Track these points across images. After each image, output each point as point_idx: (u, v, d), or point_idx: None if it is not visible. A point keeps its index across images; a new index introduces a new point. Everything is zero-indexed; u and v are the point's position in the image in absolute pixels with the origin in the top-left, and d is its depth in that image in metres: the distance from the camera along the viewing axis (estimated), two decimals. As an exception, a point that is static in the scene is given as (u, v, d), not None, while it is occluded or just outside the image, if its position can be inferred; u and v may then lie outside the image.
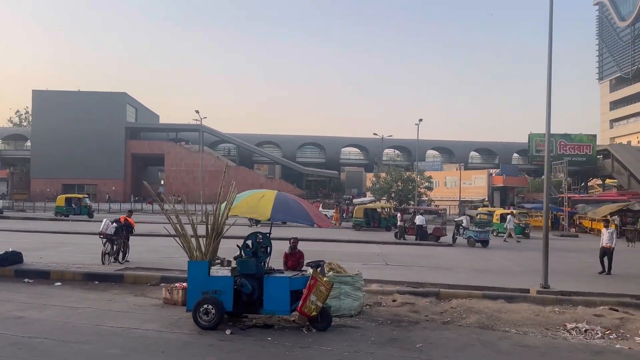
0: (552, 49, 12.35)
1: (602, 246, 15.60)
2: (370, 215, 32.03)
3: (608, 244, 15.39)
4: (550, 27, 12.28)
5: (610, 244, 15.37)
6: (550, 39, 12.32)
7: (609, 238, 15.47)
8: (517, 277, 14.51)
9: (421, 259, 18.62)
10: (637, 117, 73.30)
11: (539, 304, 11.15)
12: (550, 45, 12.39)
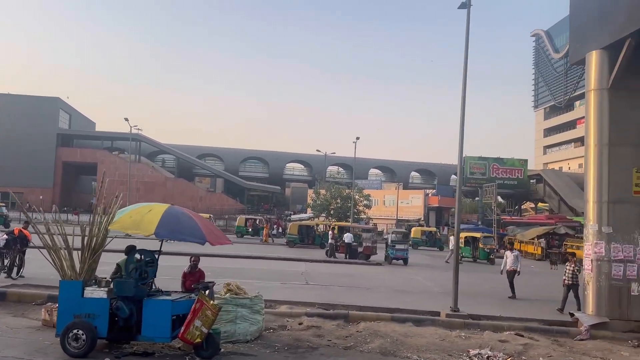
0: (466, 81, 12.46)
1: (507, 270, 15.50)
2: (305, 232, 31.57)
3: (512, 267, 15.35)
4: (465, 60, 12.38)
5: (514, 267, 15.33)
6: (465, 71, 12.41)
7: (513, 261, 15.41)
8: (433, 299, 14.35)
9: (344, 278, 18.25)
10: (568, 144, 77.20)
11: (446, 327, 10.95)
12: (464, 78, 12.47)
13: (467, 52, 12.35)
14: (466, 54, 12.36)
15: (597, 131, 11.70)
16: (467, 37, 12.30)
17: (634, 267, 11.23)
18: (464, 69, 12.37)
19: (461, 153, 12.59)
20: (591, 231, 11.62)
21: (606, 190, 11.47)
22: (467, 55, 12.37)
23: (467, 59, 12.34)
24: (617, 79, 11.38)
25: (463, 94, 12.48)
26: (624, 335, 10.89)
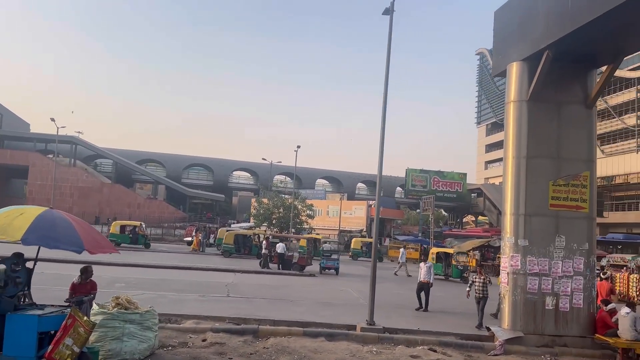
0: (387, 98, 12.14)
1: (420, 281, 15.15)
2: (241, 242, 30.62)
3: (425, 279, 15.02)
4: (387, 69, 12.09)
5: (427, 279, 15.01)
6: (387, 79, 12.11)
7: (427, 273, 15.07)
8: (356, 311, 13.83)
9: (271, 290, 17.55)
10: (499, 162, 79.85)
11: (360, 342, 10.48)
12: (385, 94, 12.18)
13: (388, 59, 12.04)
14: (387, 61, 12.05)
15: (516, 143, 11.65)
16: (390, 44, 12.03)
17: (549, 281, 11.16)
18: (385, 80, 12.05)
19: (380, 167, 12.29)
20: (508, 244, 11.50)
21: (523, 203, 11.39)
22: (388, 65, 12.05)
23: (389, 68, 12.04)
24: (535, 91, 11.37)
25: (383, 110, 12.16)
26: (537, 350, 10.76)
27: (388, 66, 12.01)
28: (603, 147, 58.39)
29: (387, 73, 12.04)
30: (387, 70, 12.05)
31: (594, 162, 11.69)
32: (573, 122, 11.61)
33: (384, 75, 11.98)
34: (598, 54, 11.18)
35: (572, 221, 11.34)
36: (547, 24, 10.63)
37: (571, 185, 11.41)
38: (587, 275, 11.24)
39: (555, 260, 11.19)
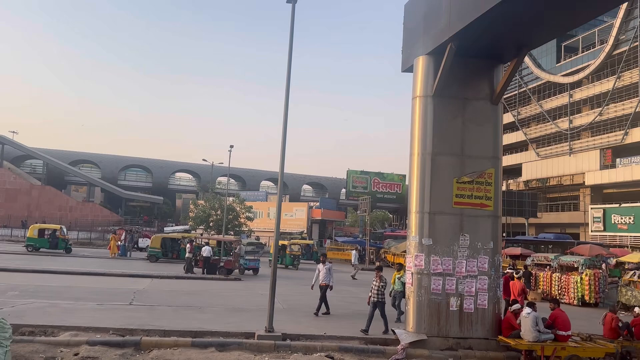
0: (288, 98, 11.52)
1: (320, 284, 14.19)
2: (169, 246, 29.27)
3: (324, 282, 14.02)
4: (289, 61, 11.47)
5: (326, 282, 14.02)
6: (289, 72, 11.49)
7: (326, 275, 14.08)
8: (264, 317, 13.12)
9: (183, 296, 16.57)
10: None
11: (254, 351, 9.77)
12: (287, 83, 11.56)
13: (291, 52, 11.42)
14: (290, 54, 11.43)
15: (421, 139, 11.28)
16: (292, 33, 11.41)
17: (453, 281, 10.83)
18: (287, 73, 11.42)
19: (282, 166, 11.60)
20: (413, 243, 11.11)
21: (428, 201, 11.03)
22: (290, 58, 11.43)
23: (291, 61, 11.41)
24: (440, 86, 11.05)
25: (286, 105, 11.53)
26: (441, 354, 10.37)
27: (290, 58, 11.37)
28: (538, 149, 60.45)
29: (289, 65, 11.40)
30: (290, 63, 11.41)
31: (499, 159, 11.47)
32: (478, 119, 11.37)
33: (286, 67, 11.34)
34: (502, 48, 10.97)
35: (476, 219, 11.08)
36: (450, 16, 10.30)
37: (476, 183, 11.15)
38: (492, 275, 10.99)
39: (459, 260, 10.88)
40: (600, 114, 51.72)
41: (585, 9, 9.23)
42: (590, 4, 9.07)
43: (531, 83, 60.96)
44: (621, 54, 49.44)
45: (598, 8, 9.45)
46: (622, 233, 42.61)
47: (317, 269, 14.55)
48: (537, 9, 8.89)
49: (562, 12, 9.05)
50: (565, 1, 8.55)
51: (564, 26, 10.17)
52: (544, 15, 9.13)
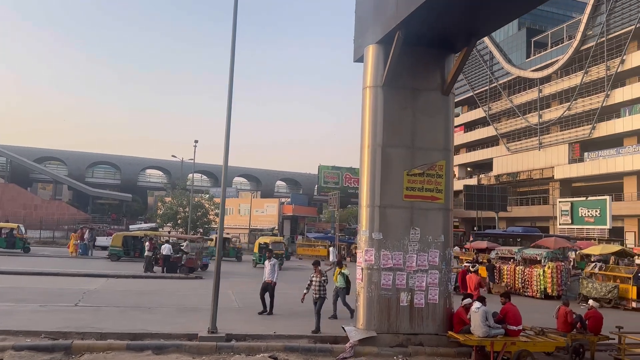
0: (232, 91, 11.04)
1: (264, 281, 13.39)
2: (131, 244, 28.47)
3: (269, 279, 13.29)
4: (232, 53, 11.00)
5: (271, 279, 13.28)
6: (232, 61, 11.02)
7: (271, 272, 13.49)
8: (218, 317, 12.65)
9: (136, 296, 15.99)
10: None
11: (193, 353, 9.32)
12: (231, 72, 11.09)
13: (234, 42, 10.96)
14: (233, 46, 10.96)
15: (371, 131, 10.95)
16: (235, 22, 10.94)
17: (403, 276, 10.54)
18: (231, 63, 10.96)
19: (226, 160, 11.15)
20: (363, 237, 10.79)
21: (378, 194, 10.71)
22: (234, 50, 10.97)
23: (234, 53, 10.96)
24: (390, 76, 10.72)
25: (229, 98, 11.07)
26: (390, 351, 10.09)
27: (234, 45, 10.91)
28: (509, 144, 61.03)
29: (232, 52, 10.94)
30: (233, 54, 10.95)
31: (450, 151, 11.21)
32: (429, 110, 11.09)
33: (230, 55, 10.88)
34: (452, 37, 10.69)
35: (427, 212, 10.80)
36: (397, 3, 9.96)
37: (426, 175, 10.87)
38: (443, 269, 10.74)
39: (410, 254, 10.60)
40: (568, 109, 52.43)
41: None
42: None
43: (502, 78, 61.47)
44: (589, 49, 50.13)
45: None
46: (589, 226, 43.22)
47: (264, 265, 14.03)
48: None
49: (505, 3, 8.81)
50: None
51: (511, 12, 9.92)
52: (489, 1, 8.87)
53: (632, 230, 47.40)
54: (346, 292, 12.98)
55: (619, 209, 45.81)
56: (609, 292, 19.05)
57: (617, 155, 47.47)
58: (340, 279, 12.97)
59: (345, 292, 12.95)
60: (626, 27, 46.14)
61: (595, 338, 11.15)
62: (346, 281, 12.98)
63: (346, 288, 12.99)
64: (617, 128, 47.91)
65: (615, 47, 47.47)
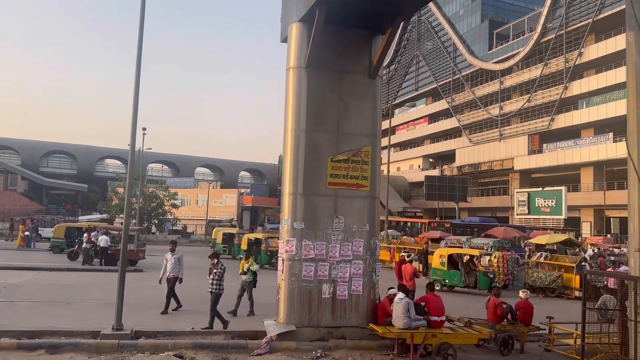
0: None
1: (167, 277, 12.31)
2: (74, 236, 27.27)
3: (172, 274, 12.23)
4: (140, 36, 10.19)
5: (175, 274, 12.21)
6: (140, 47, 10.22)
7: (174, 266, 12.25)
8: (142, 312, 11.96)
9: (62, 290, 15.14)
10: (383, 150, 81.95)
11: (92, 352, 8.63)
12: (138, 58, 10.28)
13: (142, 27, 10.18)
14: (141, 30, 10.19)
15: (295, 115, 10.35)
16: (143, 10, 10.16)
17: (325, 267, 10.04)
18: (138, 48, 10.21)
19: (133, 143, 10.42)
20: (285, 227, 10.23)
21: (301, 181, 10.16)
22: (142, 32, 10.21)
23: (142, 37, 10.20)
24: (313, 56, 10.14)
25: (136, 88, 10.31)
26: (310, 345, 9.57)
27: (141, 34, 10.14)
28: (471, 135, 61.49)
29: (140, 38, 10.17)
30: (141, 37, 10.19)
31: (377, 137, 10.74)
32: (356, 93, 10.57)
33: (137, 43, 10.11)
34: (377, 17, 10.17)
35: (351, 201, 10.31)
36: (317, -22, 9.35)
37: (352, 162, 10.37)
38: (368, 259, 10.29)
39: (333, 244, 10.09)
40: (528, 101, 53.04)
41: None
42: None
43: (465, 70, 61.83)
44: (548, 41, 50.72)
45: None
46: (544, 216, 43.97)
47: (164, 258, 12.68)
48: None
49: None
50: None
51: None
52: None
53: (588, 220, 48.46)
54: (253, 285, 12.50)
55: (575, 199, 46.70)
56: (553, 281, 19.11)
57: (574, 146, 48.33)
58: (248, 273, 12.45)
59: (252, 285, 12.47)
60: (584, 20, 46.81)
61: (525, 329, 10.95)
62: (254, 274, 12.52)
63: (254, 281, 12.50)
64: (575, 120, 48.73)
65: (574, 39, 48.15)
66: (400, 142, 75.82)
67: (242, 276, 12.61)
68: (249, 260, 12.69)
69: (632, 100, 7.84)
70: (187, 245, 38.65)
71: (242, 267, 12.68)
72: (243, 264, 12.72)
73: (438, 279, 18.88)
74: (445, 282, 18.97)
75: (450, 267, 18.92)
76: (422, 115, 70.72)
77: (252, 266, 12.60)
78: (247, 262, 12.68)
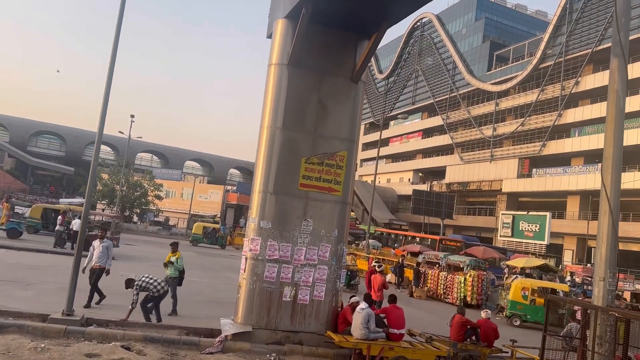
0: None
1: (92, 267, 11.42)
2: (51, 217, 26.83)
3: (98, 264, 11.41)
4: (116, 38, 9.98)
5: (101, 264, 11.39)
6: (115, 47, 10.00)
7: (101, 255, 11.49)
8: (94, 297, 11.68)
9: (23, 270, 14.88)
10: (381, 159, 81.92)
11: (37, 336, 8.36)
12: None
13: (119, 28, 9.98)
14: (118, 32, 9.99)
15: (272, 112, 10.15)
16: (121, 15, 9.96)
17: (289, 269, 9.82)
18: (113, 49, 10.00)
19: (101, 126, 10.18)
20: (252, 225, 10.00)
21: (273, 180, 9.95)
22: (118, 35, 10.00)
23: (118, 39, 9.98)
24: (296, 55, 9.96)
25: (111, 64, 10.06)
26: (265, 348, 9.34)
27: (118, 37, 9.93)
28: (462, 154, 61.60)
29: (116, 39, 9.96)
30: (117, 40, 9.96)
31: (354, 142, 10.55)
32: (336, 96, 10.40)
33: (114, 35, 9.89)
34: (362, 20, 10.01)
35: (322, 204, 10.11)
36: (305, -25, 9.20)
37: (326, 165, 10.18)
38: (333, 265, 10.08)
39: (299, 247, 9.88)
40: (522, 124, 53.18)
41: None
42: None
43: (462, 88, 61.98)
44: (547, 67, 50.96)
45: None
46: (527, 240, 43.96)
47: (92, 246, 11.71)
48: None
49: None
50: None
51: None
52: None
53: (571, 248, 48.54)
54: (178, 282, 11.68)
55: (560, 226, 46.79)
56: (526, 305, 18.92)
57: (563, 173, 48.45)
58: (172, 267, 11.61)
59: (176, 282, 11.62)
60: (584, 50, 47.07)
61: (487, 350, 10.77)
62: (180, 270, 11.73)
63: (179, 278, 11.71)
64: (566, 147, 48.90)
65: (572, 68, 48.39)
66: (392, 154, 75.84)
67: (166, 270, 11.67)
68: (177, 254, 11.74)
69: (610, 126, 7.72)
70: (167, 237, 38.27)
71: (167, 260, 11.74)
72: (170, 256, 11.78)
73: (518, 314, 17.20)
74: (526, 317, 17.16)
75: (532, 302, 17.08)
76: (417, 130, 70.81)
77: (178, 262, 11.66)
78: (173, 254, 11.74)
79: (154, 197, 40.56)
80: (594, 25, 45.95)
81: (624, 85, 7.43)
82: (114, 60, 9.96)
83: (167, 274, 11.63)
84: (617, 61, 7.69)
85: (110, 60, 9.99)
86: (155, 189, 40.57)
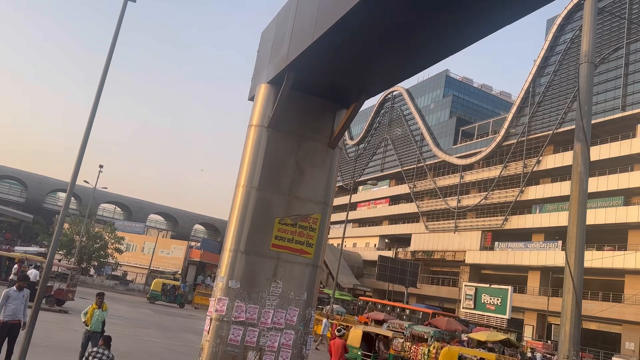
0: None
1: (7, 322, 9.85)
2: (4, 266, 25.64)
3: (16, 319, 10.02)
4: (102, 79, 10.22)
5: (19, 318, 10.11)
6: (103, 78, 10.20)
7: (22, 305, 10.26)
8: (46, 356, 11.02)
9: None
10: (348, 223, 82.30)
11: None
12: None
13: (107, 63, 10.22)
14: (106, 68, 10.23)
15: (249, 171, 10.25)
16: (115, 39, 10.24)
17: (255, 332, 9.56)
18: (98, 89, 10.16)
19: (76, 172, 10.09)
20: (219, 284, 9.80)
21: (245, 239, 9.88)
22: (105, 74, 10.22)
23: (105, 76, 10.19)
24: (276, 118, 10.23)
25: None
26: (224, 416, 8.91)
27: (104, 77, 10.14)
28: (428, 223, 62.57)
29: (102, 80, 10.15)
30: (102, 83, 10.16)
31: (328, 206, 10.69)
32: (313, 160, 10.62)
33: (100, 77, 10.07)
34: (342, 90, 10.44)
35: (292, 266, 10.04)
36: (290, 44, 9.65)
37: (299, 227, 10.22)
38: (300, 330, 9.88)
39: (266, 309, 9.69)
40: (485, 198, 54.81)
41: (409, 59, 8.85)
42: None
43: (429, 160, 63.96)
44: (510, 145, 53.36)
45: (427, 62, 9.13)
46: (489, 313, 44.09)
47: (6, 295, 10.12)
48: (366, 52, 8.41)
49: (386, 62, 8.71)
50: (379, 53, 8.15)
51: (392, 76, 9.78)
52: (372, 63, 8.73)
53: (531, 324, 48.83)
54: (101, 336, 10.46)
55: (521, 301, 47.28)
56: (488, 380, 18.74)
57: (524, 249, 49.56)
58: (96, 321, 11.04)
59: (98, 337, 10.36)
60: (545, 131, 49.70)
61: None
62: (102, 324, 11.24)
63: (102, 332, 11.01)
64: (528, 223, 50.35)
65: (534, 147, 50.82)
66: (359, 219, 76.37)
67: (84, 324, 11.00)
68: (104, 306, 11.27)
69: (574, 207, 8.09)
70: (123, 292, 36.82)
71: (90, 312, 11.10)
72: (93, 308, 11.17)
73: None
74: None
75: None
76: (384, 196, 71.97)
77: (102, 314, 11.16)
78: (99, 307, 11.22)
79: (113, 250, 39.28)
80: (554, 109, 48.87)
81: (586, 169, 7.89)
82: (94, 114, 10.01)
83: (87, 328, 11.00)
84: (580, 145, 8.20)
85: (90, 114, 10.03)
86: (116, 242, 39.38)
